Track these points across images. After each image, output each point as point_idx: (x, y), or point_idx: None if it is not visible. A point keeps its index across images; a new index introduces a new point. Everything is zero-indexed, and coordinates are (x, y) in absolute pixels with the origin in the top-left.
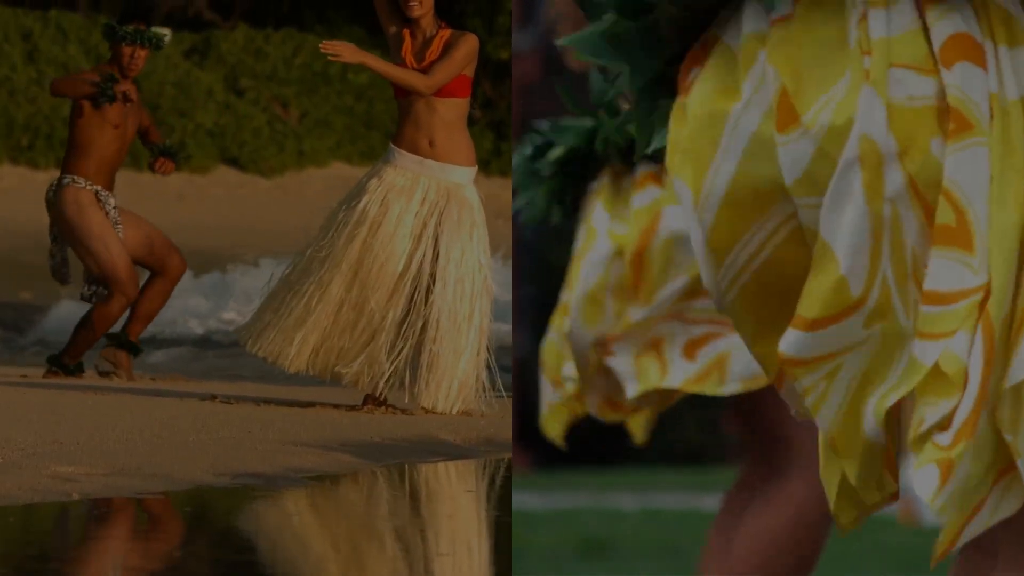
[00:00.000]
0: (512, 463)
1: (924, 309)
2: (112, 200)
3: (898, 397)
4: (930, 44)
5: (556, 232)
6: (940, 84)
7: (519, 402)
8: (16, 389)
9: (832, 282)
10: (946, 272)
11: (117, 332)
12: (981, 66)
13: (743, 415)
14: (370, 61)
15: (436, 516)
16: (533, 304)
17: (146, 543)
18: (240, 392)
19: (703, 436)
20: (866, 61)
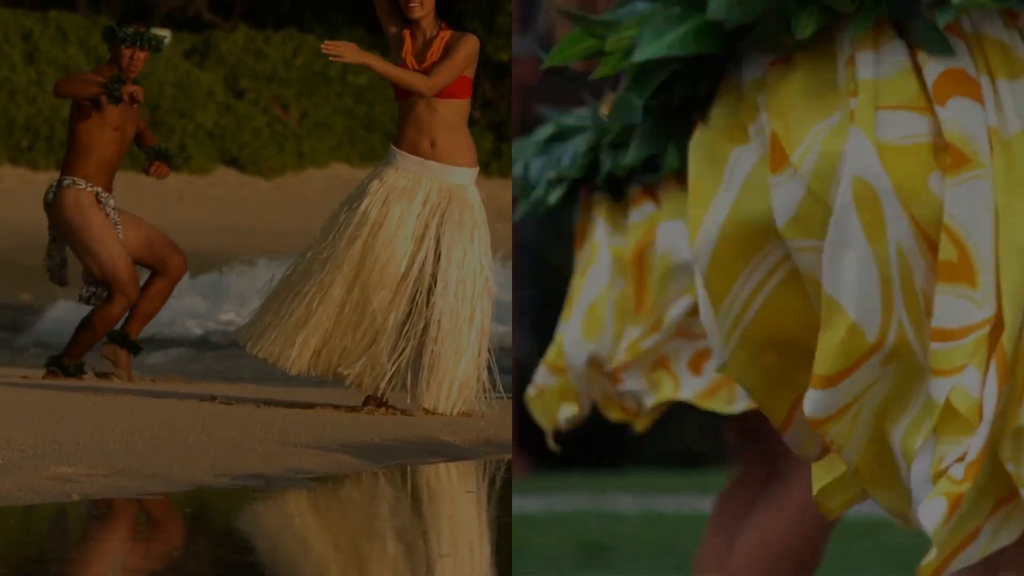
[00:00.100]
0: (512, 465)
1: (933, 346)
2: (112, 201)
3: (923, 437)
4: (923, 82)
5: (556, 233)
6: (935, 121)
7: (519, 404)
8: (16, 390)
9: (844, 334)
10: (951, 308)
11: (117, 330)
12: (977, 100)
13: (745, 420)
14: (372, 62)
15: (436, 517)
16: (533, 305)
17: (146, 544)
18: (240, 393)
19: (703, 439)
20: (852, 103)
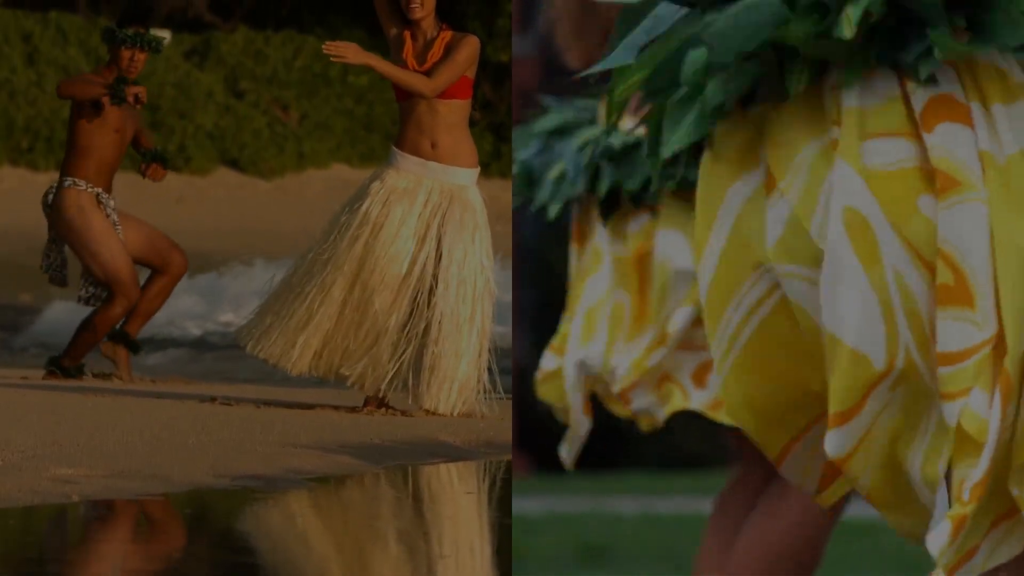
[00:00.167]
0: (512, 467)
1: (940, 371)
2: (112, 202)
3: (944, 465)
4: (911, 110)
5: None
6: (922, 147)
7: (519, 406)
8: (16, 391)
9: (848, 366)
10: (953, 332)
11: (116, 329)
12: (966, 125)
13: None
14: (374, 62)
15: (437, 518)
16: (533, 307)
17: (146, 545)
18: (240, 394)
19: (703, 441)
20: (834, 131)
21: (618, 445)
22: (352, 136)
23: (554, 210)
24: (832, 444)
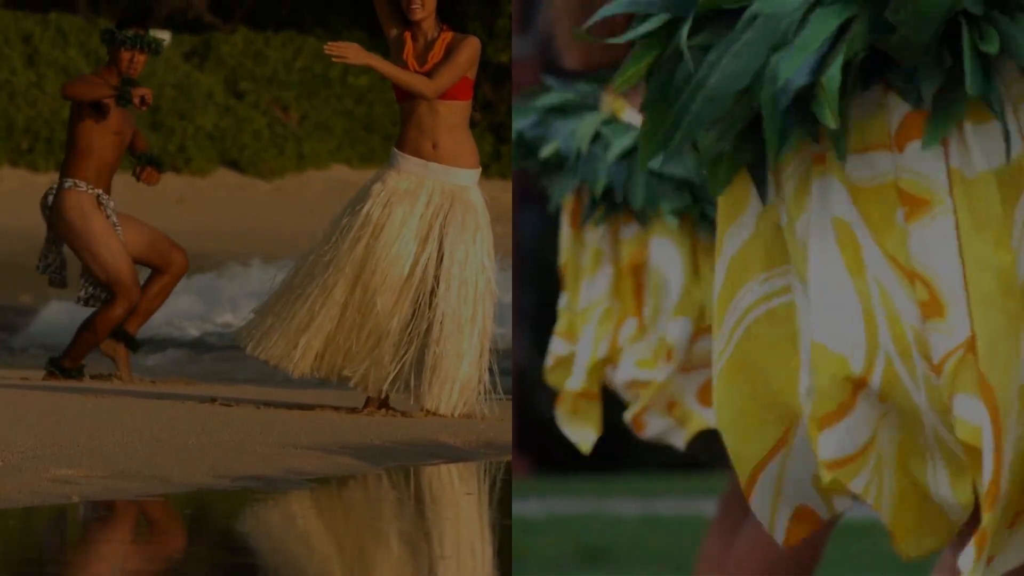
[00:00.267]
0: (512, 469)
1: (933, 382)
2: (112, 204)
3: (971, 486)
4: (890, 124)
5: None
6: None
7: (519, 407)
8: (16, 391)
9: (828, 368)
10: (935, 343)
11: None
12: (939, 143)
13: None
14: (375, 63)
15: (437, 519)
16: (533, 308)
17: (146, 546)
18: (240, 394)
19: (703, 442)
20: (815, 146)
21: (618, 446)
22: (352, 137)
23: (556, 199)
24: (822, 448)
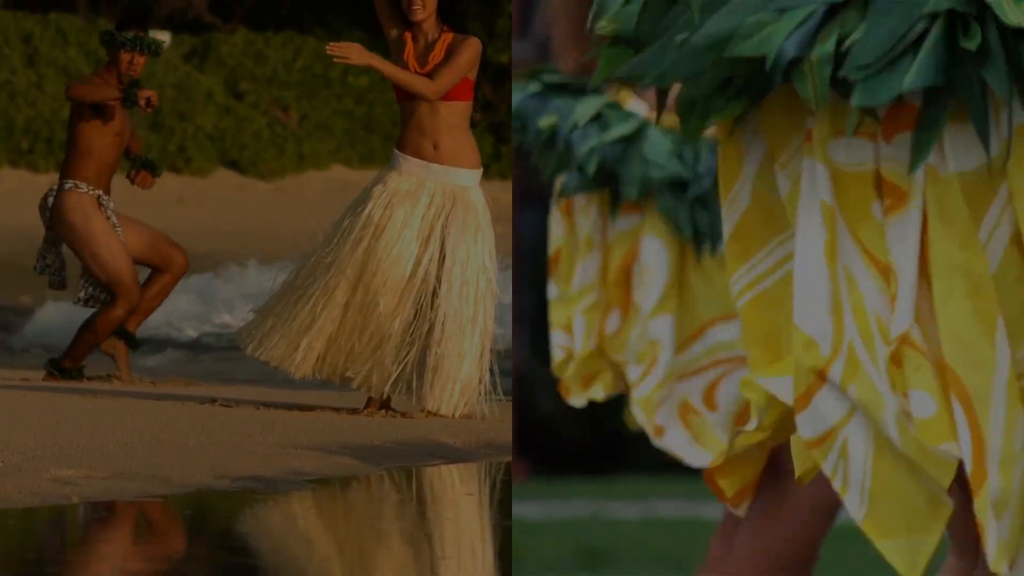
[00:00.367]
0: (512, 471)
1: (893, 373)
2: (111, 204)
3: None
4: (876, 112)
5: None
6: (879, 149)
7: (519, 410)
8: (16, 392)
9: (801, 349)
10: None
11: None
12: None
13: None
14: (377, 63)
15: (437, 520)
16: (533, 309)
17: (146, 546)
18: (240, 395)
19: None
20: (810, 121)
21: (618, 449)
22: (352, 137)
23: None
24: (801, 427)
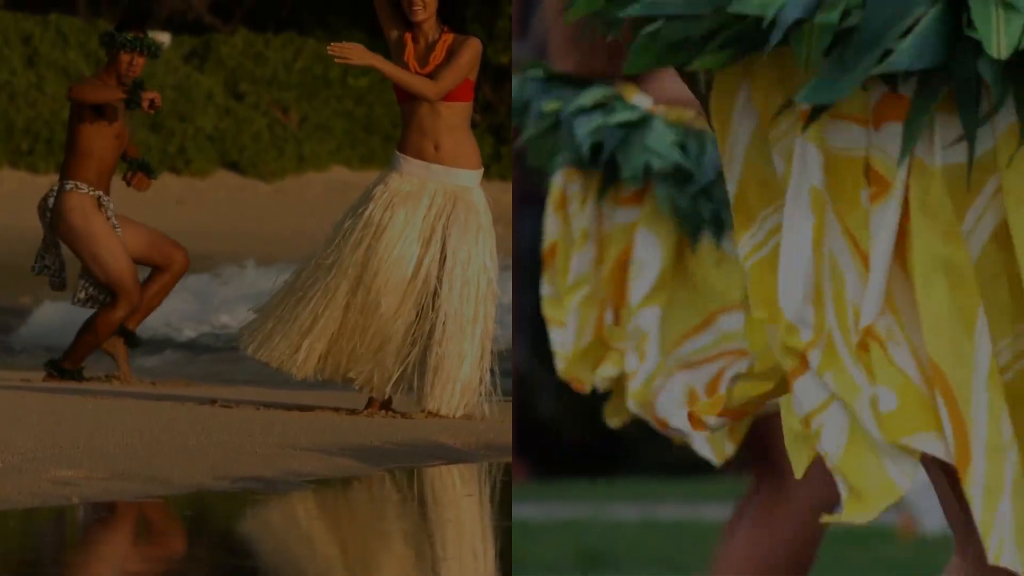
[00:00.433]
0: (512, 472)
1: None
2: (111, 205)
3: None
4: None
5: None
6: (870, 136)
7: (519, 411)
8: (16, 393)
9: (785, 333)
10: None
11: None
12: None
13: (755, 429)
14: (378, 63)
15: (437, 521)
16: (533, 309)
17: (146, 547)
18: (240, 396)
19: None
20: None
21: (618, 450)
22: (352, 138)
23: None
24: (795, 403)
